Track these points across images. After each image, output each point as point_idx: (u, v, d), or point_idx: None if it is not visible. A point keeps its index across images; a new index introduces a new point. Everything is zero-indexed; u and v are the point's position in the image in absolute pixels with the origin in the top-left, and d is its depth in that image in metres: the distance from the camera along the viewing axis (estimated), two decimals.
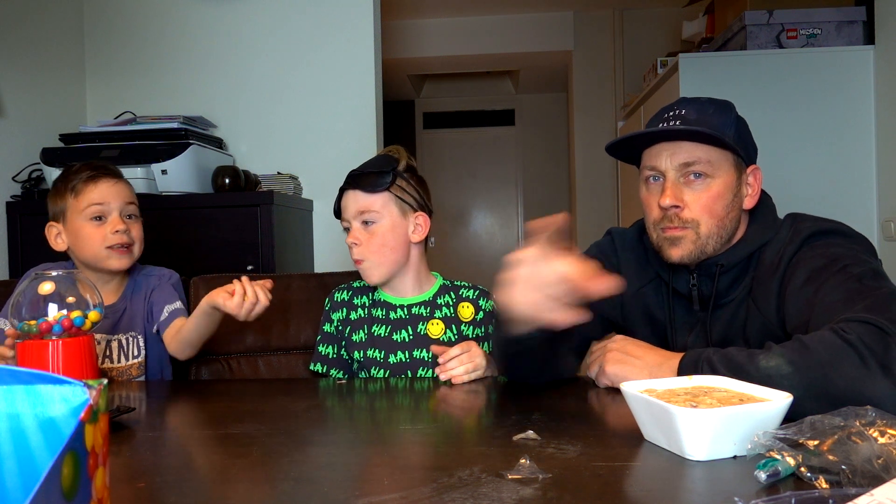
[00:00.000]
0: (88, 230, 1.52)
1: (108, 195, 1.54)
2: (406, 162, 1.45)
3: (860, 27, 2.44)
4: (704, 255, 1.15)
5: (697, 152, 1.13)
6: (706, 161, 1.13)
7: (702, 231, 1.14)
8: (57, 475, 0.39)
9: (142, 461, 0.85)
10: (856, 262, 1.03)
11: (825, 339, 0.89)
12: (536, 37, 4.57)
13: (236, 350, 1.73)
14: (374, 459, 0.81)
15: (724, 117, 1.15)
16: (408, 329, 1.44)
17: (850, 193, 2.42)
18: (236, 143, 2.60)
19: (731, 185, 1.15)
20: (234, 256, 2.17)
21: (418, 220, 1.44)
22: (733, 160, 1.15)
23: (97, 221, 1.52)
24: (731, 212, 1.15)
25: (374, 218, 1.41)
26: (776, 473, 0.67)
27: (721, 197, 1.14)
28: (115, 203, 1.54)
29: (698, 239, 1.14)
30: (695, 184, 1.14)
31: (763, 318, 1.12)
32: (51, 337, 1.17)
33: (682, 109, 1.16)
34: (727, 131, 1.13)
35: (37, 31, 2.37)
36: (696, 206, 1.14)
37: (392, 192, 1.41)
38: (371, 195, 1.40)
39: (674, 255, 1.16)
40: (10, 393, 0.48)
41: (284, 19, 2.59)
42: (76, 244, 1.54)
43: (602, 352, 1.15)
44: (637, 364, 1.07)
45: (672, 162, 1.14)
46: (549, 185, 6.15)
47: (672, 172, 1.15)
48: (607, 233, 1.36)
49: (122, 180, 1.60)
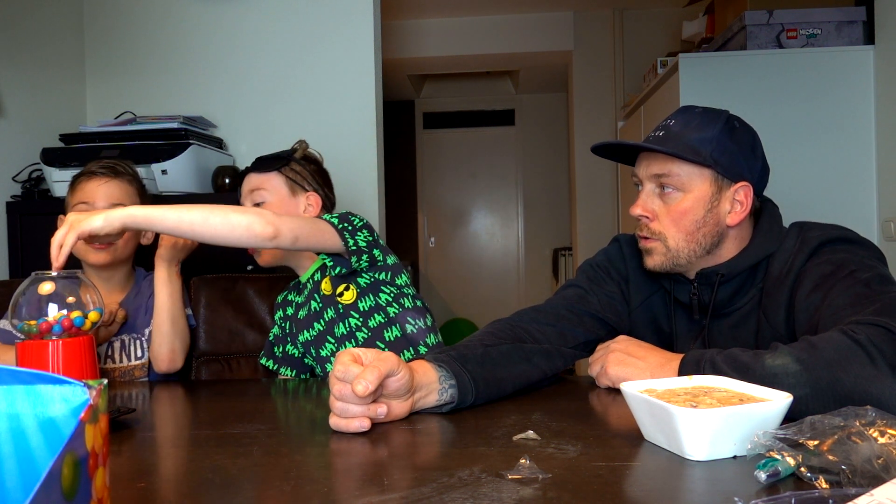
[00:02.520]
0: None
1: (95, 194, 1.58)
2: (304, 153, 1.59)
3: (860, 27, 2.44)
4: (680, 267, 1.17)
5: (669, 165, 1.14)
6: (676, 175, 1.14)
7: (669, 244, 1.16)
8: (57, 475, 0.39)
9: (142, 461, 0.85)
10: (863, 267, 1.03)
11: (833, 339, 0.88)
12: (536, 37, 4.57)
13: (236, 350, 1.74)
14: (374, 459, 0.81)
15: (706, 131, 1.13)
16: (315, 298, 1.50)
17: (850, 193, 2.41)
18: (236, 143, 2.60)
19: (703, 201, 1.14)
20: (234, 256, 2.16)
21: (309, 200, 1.56)
22: (710, 175, 1.13)
23: None
24: (703, 227, 1.14)
25: (263, 197, 1.54)
26: (776, 473, 0.67)
27: (690, 212, 1.14)
28: (100, 203, 1.57)
29: (668, 251, 1.16)
30: (666, 196, 1.16)
31: (774, 330, 1.11)
32: (51, 337, 1.17)
33: (672, 119, 1.17)
34: (703, 147, 1.12)
35: (37, 30, 2.36)
36: (664, 219, 1.16)
37: (282, 173, 1.54)
38: (260, 174, 1.55)
39: (647, 264, 1.19)
40: (10, 393, 0.48)
41: (284, 19, 2.59)
42: None
43: (605, 352, 1.14)
44: (639, 365, 1.07)
45: (647, 172, 1.17)
46: (549, 185, 6.15)
47: (647, 183, 1.18)
48: (614, 239, 1.35)
49: (118, 180, 1.62)
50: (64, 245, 1.15)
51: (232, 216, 1.23)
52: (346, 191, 2.54)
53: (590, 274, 1.31)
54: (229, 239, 1.24)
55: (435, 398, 0.99)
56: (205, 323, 1.77)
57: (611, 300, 1.28)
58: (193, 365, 1.72)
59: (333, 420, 0.91)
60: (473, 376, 1.01)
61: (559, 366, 1.19)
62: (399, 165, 5.95)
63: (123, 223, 1.17)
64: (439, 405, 0.99)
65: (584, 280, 1.30)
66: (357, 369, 0.88)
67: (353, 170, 2.53)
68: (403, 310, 1.48)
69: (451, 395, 0.99)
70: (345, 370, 0.89)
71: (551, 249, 6.01)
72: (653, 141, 1.16)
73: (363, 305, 1.45)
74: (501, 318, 1.23)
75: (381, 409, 0.91)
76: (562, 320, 1.22)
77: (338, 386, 0.89)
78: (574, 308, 1.24)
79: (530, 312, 1.23)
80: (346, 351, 0.93)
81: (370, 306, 1.45)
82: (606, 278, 1.30)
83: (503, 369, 1.08)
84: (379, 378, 0.88)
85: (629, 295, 1.29)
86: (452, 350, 1.06)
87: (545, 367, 1.15)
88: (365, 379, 0.86)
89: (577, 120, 4.58)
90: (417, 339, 1.47)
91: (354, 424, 0.89)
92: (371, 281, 1.47)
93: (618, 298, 1.28)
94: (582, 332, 1.23)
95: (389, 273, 1.47)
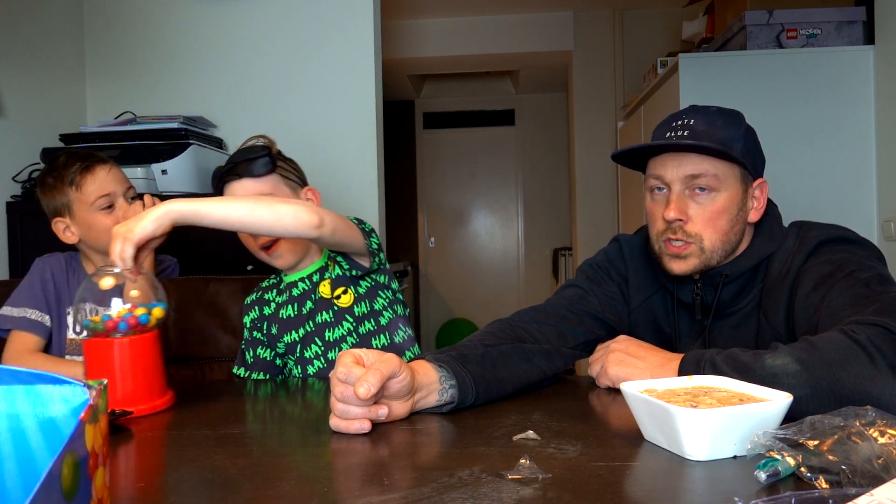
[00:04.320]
0: (101, 221, 1.56)
1: (110, 184, 1.59)
2: (275, 146, 1.49)
3: (860, 27, 2.44)
4: (709, 268, 1.16)
5: (704, 165, 1.12)
6: (712, 175, 1.12)
7: (706, 245, 1.14)
8: (57, 475, 0.39)
9: (142, 461, 0.85)
10: (862, 267, 1.03)
11: (834, 340, 0.88)
12: (536, 37, 4.57)
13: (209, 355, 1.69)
14: (374, 459, 0.81)
15: (733, 130, 1.13)
16: (310, 298, 1.46)
17: (850, 193, 2.42)
18: (236, 143, 2.58)
19: (736, 200, 1.14)
20: (234, 257, 2.17)
21: (308, 194, 1.49)
22: (740, 174, 1.14)
23: (107, 210, 1.57)
24: (735, 225, 1.14)
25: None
26: (776, 473, 0.67)
27: (726, 211, 1.13)
28: (118, 189, 1.60)
29: (703, 253, 1.14)
30: (699, 197, 1.13)
31: (774, 330, 1.11)
32: (116, 335, 1.12)
33: (691, 119, 1.15)
34: (735, 145, 1.12)
35: (37, 31, 2.36)
36: (700, 221, 1.13)
37: (278, 174, 1.45)
38: (260, 179, 1.42)
39: (677, 269, 1.16)
40: (10, 393, 0.48)
41: (284, 19, 2.59)
42: (90, 236, 1.59)
43: (605, 352, 1.14)
44: (639, 365, 1.07)
45: (678, 173, 1.13)
46: (549, 185, 6.15)
47: (677, 184, 1.14)
48: (614, 239, 1.35)
49: (113, 164, 1.63)
50: (125, 260, 1.09)
51: (278, 206, 1.20)
52: (346, 191, 2.54)
53: (590, 274, 1.30)
54: (275, 228, 1.21)
55: (435, 398, 0.99)
56: (175, 326, 1.69)
57: (611, 300, 1.27)
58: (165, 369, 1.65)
59: (334, 421, 0.91)
60: (474, 376, 1.01)
61: (559, 366, 1.19)
62: (399, 165, 5.95)
63: (174, 221, 1.12)
64: (439, 405, 0.99)
65: (583, 280, 1.30)
66: (359, 371, 0.88)
67: (353, 170, 2.53)
68: (396, 317, 1.47)
69: (451, 395, 0.99)
70: (347, 372, 0.89)
71: (551, 249, 6.01)
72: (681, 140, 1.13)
73: (358, 310, 1.44)
74: (501, 318, 1.23)
75: (383, 411, 0.91)
76: (562, 320, 1.22)
77: (340, 388, 0.89)
78: (574, 308, 1.24)
79: (530, 312, 1.23)
80: (348, 352, 0.92)
81: (364, 312, 1.44)
82: (606, 278, 1.30)
83: (503, 369, 1.08)
84: (381, 381, 0.88)
85: (629, 295, 1.29)
86: (453, 350, 1.06)
87: (545, 368, 1.15)
88: (367, 382, 0.86)
89: (577, 120, 4.58)
90: (403, 348, 1.47)
91: (355, 426, 0.89)
92: (371, 285, 1.46)
93: (618, 298, 1.28)
94: (582, 333, 1.23)
95: (388, 277, 1.47)
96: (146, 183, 2.14)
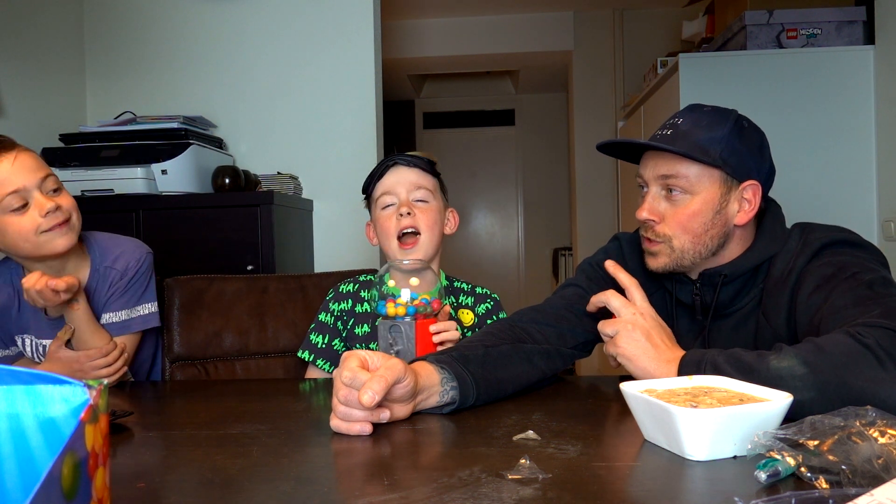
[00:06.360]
0: (13, 223, 1.29)
1: (18, 177, 1.28)
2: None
3: (860, 27, 2.44)
4: (683, 268, 1.16)
5: (678, 166, 1.12)
6: (685, 176, 1.11)
7: (675, 245, 1.14)
8: (57, 475, 0.39)
9: (142, 461, 0.85)
10: (865, 269, 1.03)
11: (841, 342, 0.88)
12: (536, 37, 4.57)
13: (213, 354, 1.69)
14: (374, 460, 0.81)
15: (715, 131, 1.11)
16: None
17: (850, 193, 2.41)
18: (236, 143, 2.60)
19: (712, 203, 1.12)
20: (234, 256, 2.17)
21: (452, 214, 1.51)
22: (719, 176, 1.12)
23: (19, 211, 1.29)
24: (711, 229, 1.13)
25: (429, 197, 1.44)
26: (776, 473, 0.67)
27: (699, 214, 1.12)
28: (29, 182, 1.29)
29: (672, 252, 1.15)
30: (673, 198, 1.14)
31: (774, 331, 1.11)
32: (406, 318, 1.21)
33: (680, 118, 1.15)
34: (714, 146, 1.10)
35: (37, 31, 2.36)
36: (671, 222, 1.14)
37: (439, 181, 1.48)
38: (427, 174, 1.45)
39: (651, 265, 1.18)
40: (10, 393, 0.48)
41: (284, 19, 2.59)
42: (5, 242, 1.32)
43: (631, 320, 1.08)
44: (650, 354, 1.04)
45: (653, 173, 1.15)
46: (549, 185, 6.15)
47: (653, 184, 1.15)
48: (614, 238, 1.34)
49: (21, 150, 1.32)
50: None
51: None
52: (347, 191, 2.54)
53: (589, 273, 1.30)
54: None
55: (437, 399, 0.99)
56: (179, 325, 1.67)
57: None
58: (168, 369, 1.64)
59: (335, 422, 0.91)
60: (475, 377, 1.01)
61: (559, 366, 1.19)
62: None
63: None
64: (440, 406, 0.99)
65: (583, 279, 1.30)
66: (365, 376, 0.88)
67: (354, 170, 2.53)
68: None
69: (452, 396, 0.99)
70: (352, 377, 0.88)
71: (551, 249, 6.00)
72: (660, 140, 1.13)
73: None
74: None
75: (385, 414, 0.91)
76: (561, 321, 1.22)
77: (343, 391, 0.89)
78: (573, 308, 1.24)
79: (530, 313, 1.23)
80: (353, 353, 0.92)
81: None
82: (606, 277, 1.30)
83: (504, 370, 1.08)
84: (386, 388, 0.87)
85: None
86: (454, 351, 1.06)
87: (545, 368, 1.15)
88: (372, 389, 0.86)
89: (577, 120, 4.58)
90: None
91: (356, 428, 0.89)
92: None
93: None
94: (581, 332, 1.23)
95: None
96: (146, 183, 2.14)
